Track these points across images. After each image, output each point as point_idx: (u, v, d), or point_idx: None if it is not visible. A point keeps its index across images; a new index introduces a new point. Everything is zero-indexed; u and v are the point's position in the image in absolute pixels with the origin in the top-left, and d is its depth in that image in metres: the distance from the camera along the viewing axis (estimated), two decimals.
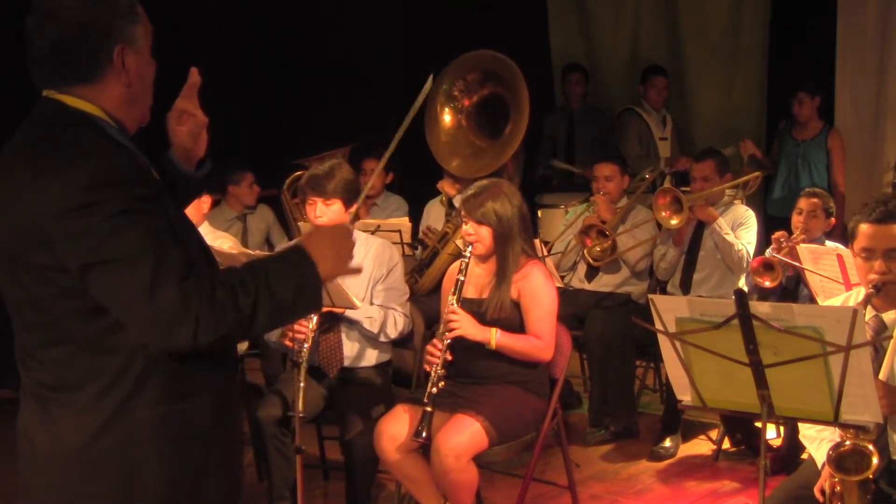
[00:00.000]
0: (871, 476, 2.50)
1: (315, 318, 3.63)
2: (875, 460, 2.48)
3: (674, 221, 4.76)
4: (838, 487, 2.54)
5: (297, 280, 1.84)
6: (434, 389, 3.38)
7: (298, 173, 5.40)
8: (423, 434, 3.33)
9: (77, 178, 1.70)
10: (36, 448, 1.84)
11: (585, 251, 5.09)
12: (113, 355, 1.78)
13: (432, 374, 3.42)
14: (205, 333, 1.71)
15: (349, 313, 3.71)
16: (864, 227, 2.83)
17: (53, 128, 1.79)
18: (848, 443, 2.52)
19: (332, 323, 3.77)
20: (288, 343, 3.62)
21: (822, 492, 2.64)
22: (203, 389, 1.87)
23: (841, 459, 2.52)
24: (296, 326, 3.59)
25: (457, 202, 5.14)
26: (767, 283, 4.25)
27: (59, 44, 1.79)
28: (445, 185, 5.41)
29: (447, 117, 5.37)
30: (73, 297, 1.75)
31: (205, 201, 4.43)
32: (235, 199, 5.99)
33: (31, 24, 1.81)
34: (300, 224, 5.33)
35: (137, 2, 1.87)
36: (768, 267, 4.28)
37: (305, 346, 3.57)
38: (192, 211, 4.20)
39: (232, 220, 5.94)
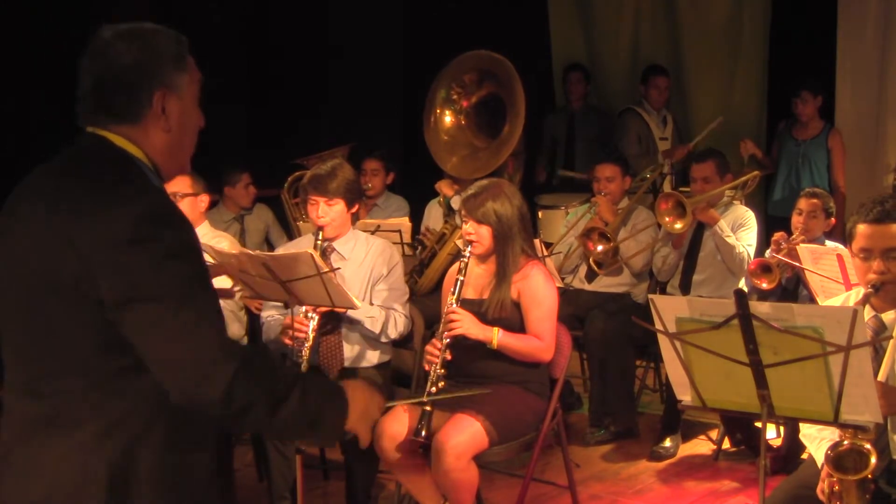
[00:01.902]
0: (869, 476, 2.50)
1: (316, 318, 3.64)
2: (873, 459, 2.48)
3: (678, 226, 4.76)
4: (837, 487, 2.54)
5: (328, 402, 1.88)
6: (433, 389, 3.38)
7: (299, 173, 5.40)
8: (423, 433, 3.33)
9: (127, 213, 1.70)
10: (21, 482, 1.78)
11: (591, 258, 5.08)
12: (122, 398, 1.75)
13: (432, 373, 3.42)
14: (238, 395, 1.70)
15: (351, 313, 3.71)
16: (862, 228, 2.83)
17: (100, 162, 1.80)
18: (846, 442, 2.52)
19: (333, 323, 3.77)
20: (288, 342, 3.62)
21: (823, 492, 2.64)
22: (206, 441, 1.84)
23: (839, 459, 2.52)
24: (296, 326, 3.60)
25: (455, 203, 5.14)
26: (765, 285, 4.25)
27: (102, 82, 1.82)
28: (443, 186, 5.41)
29: (448, 118, 5.38)
30: (99, 331, 1.72)
31: (202, 200, 4.42)
32: (232, 200, 5.99)
33: (83, 63, 1.84)
34: (300, 224, 5.34)
35: (187, 53, 1.89)
36: (766, 269, 4.28)
37: (306, 345, 3.57)
38: (188, 209, 4.22)
39: (229, 221, 5.94)
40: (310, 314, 3.64)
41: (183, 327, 1.69)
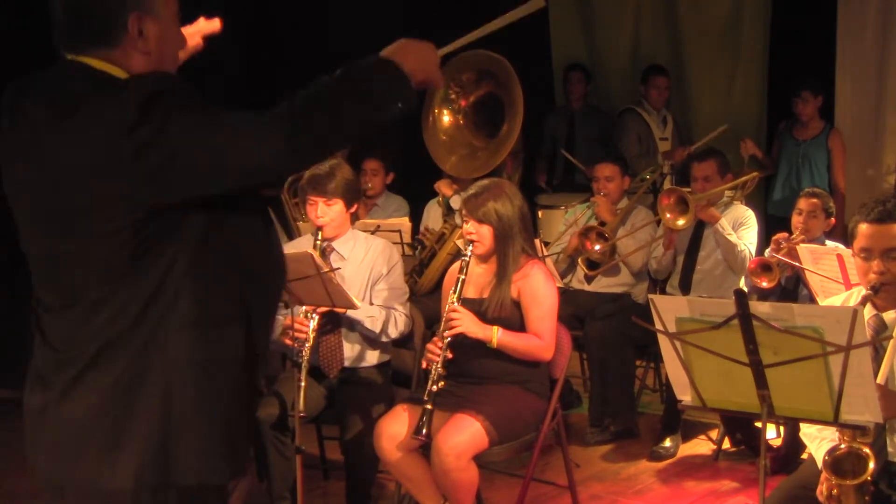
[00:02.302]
0: (867, 479, 2.50)
1: (316, 319, 3.64)
2: (871, 464, 2.48)
3: (680, 222, 4.75)
4: (835, 491, 2.53)
5: (370, 75, 1.87)
6: (434, 388, 3.38)
7: (298, 173, 5.39)
8: (423, 432, 3.33)
9: (127, 99, 1.69)
10: (61, 391, 1.79)
11: (580, 260, 5.07)
12: (145, 286, 1.75)
13: (432, 372, 3.42)
14: (304, 132, 1.73)
15: (351, 313, 3.71)
16: (863, 227, 2.83)
17: (84, 80, 1.79)
18: (843, 446, 2.52)
19: (333, 323, 3.77)
20: (288, 342, 3.62)
21: (822, 494, 2.64)
22: (232, 317, 1.84)
23: (837, 463, 2.52)
24: (296, 326, 3.60)
25: (454, 203, 5.14)
26: (765, 284, 4.25)
27: (75, 7, 1.80)
28: (442, 186, 5.41)
29: (446, 118, 5.37)
30: (121, 230, 1.73)
31: None
32: None
33: None
34: (299, 224, 5.34)
35: None
36: (766, 268, 4.28)
37: (307, 345, 3.57)
38: None
39: None
40: (310, 314, 3.64)
41: (229, 122, 1.73)
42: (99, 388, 1.77)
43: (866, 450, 2.49)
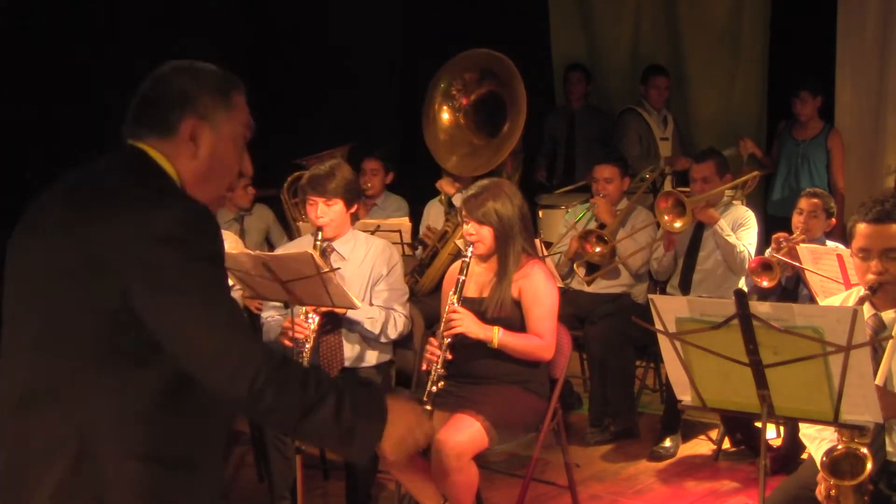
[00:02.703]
0: (866, 479, 2.50)
1: (317, 319, 3.64)
2: (869, 465, 2.48)
3: (677, 224, 4.75)
4: (833, 492, 2.54)
5: (365, 418, 1.85)
6: (434, 388, 3.39)
7: (298, 173, 5.40)
8: None
9: (164, 215, 1.73)
10: None
11: (576, 266, 5.07)
12: (115, 389, 1.76)
13: (432, 372, 3.42)
14: (266, 396, 1.72)
15: (350, 314, 3.71)
16: (862, 227, 2.82)
17: (138, 169, 1.84)
18: (841, 447, 2.52)
19: (333, 324, 3.77)
20: (287, 343, 3.62)
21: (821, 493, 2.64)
22: (195, 460, 1.83)
23: (835, 464, 2.52)
24: (296, 327, 3.60)
25: (456, 201, 5.14)
26: (765, 283, 4.25)
27: (145, 97, 1.88)
28: (444, 184, 5.42)
29: (445, 115, 5.38)
30: (105, 325, 1.74)
31: None
32: (230, 201, 5.97)
33: (141, 86, 1.91)
34: (299, 224, 5.34)
35: (237, 93, 1.92)
36: (766, 267, 4.28)
37: (307, 346, 3.57)
38: None
39: (229, 221, 5.93)
40: (310, 315, 3.64)
41: (215, 323, 1.73)
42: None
43: (864, 450, 2.49)
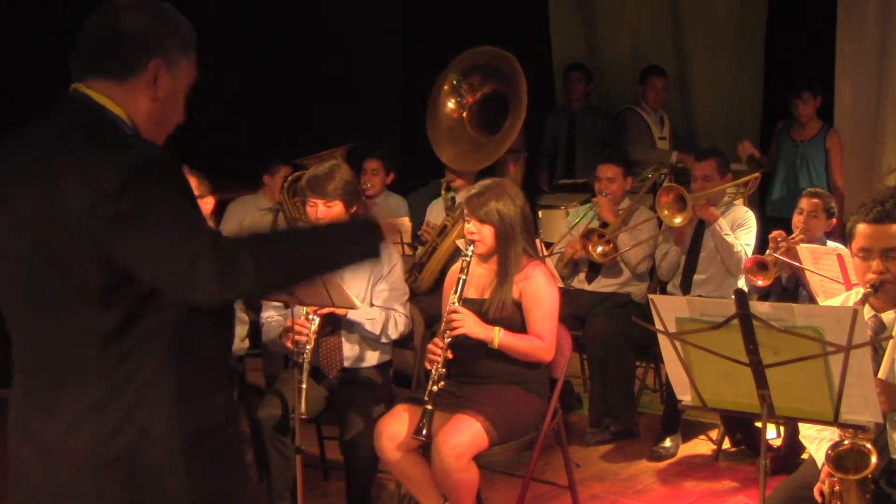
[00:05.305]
0: (869, 475, 2.50)
1: (317, 321, 3.64)
2: (874, 459, 2.48)
3: (677, 220, 4.76)
4: (837, 487, 2.54)
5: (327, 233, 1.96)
6: (435, 388, 3.38)
7: (297, 174, 5.40)
8: (424, 432, 3.33)
9: (113, 164, 1.71)
10: (42, 448, 1.82)
11: (577, 258, 5.08)
12: (125, 356, 1.78)
13: (433, 372, 3.42)
14: (241, 263, 1.73)
15: (351, 314, 3.71)
16: (862, 227, 2.82)
17: (79, 121, 1.81)
18: (846, 442, 2.52)
19: (333, 324, 3.77)
20: (289, 344, 3.62)
21: (822, 493, 2.64)
22: (215, 387, 1.88)
23: (840, 459, 2.53)
24: (297, 328, 3.60)
25: (461, 198, 5.14)
26: (760, 282, 4.25)
27: (105, 36, 1.84)
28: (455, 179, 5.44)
29: (450, 105, 5.42)
30: (98, 289, 1.75)
31: (208, 203, 4.41)
32: (270, 189, 5.94)
33: (91, 18, 1.86)
34: (299, 224, 5.34)
35: (195, 46, 1.92)
36: (762, 266, 4.27)
37: (307, 347, 3.57)
38: None
39: (265, 210, 5.92)
40: (311, 316, 3.64)
41: (180, 236, 1.72)
42: (76, 455, 1.80)
43: (869, 446, 2.49)
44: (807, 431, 2.90)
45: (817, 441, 2.83)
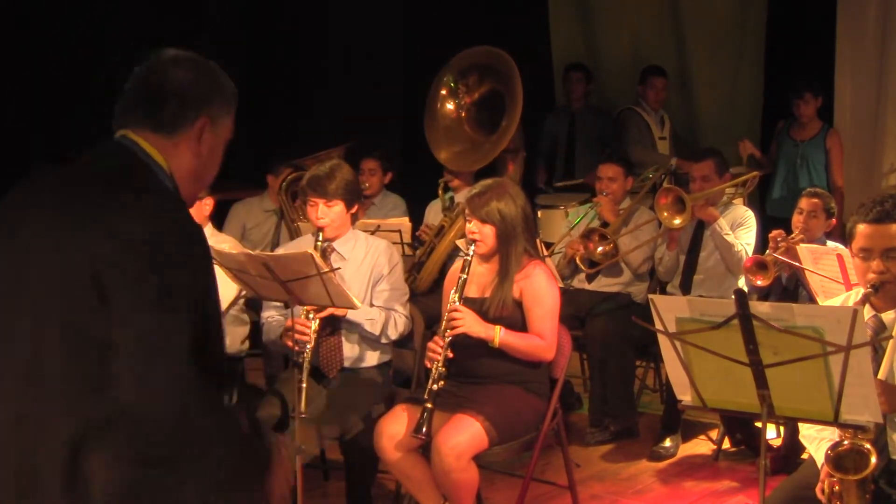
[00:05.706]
0: (869, 476, 2.50)
1: (318, 321, 3.64)
2: (874, 459, 2.48)
3: (676, 221, 4.76)
4: (837, 487, 2.54)
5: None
6: (435, 386, 3.39)
7: (297, 174, 5.39)
8: (423, 430, 3.33)
9: (140, 225, 1.70)
10: None
11: (578, 257, 5.07)
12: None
13: (433, 371, 3.42)
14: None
15: (350, 315, 3.71)
16: (862, 227, 2.82)
17: (122, 168, 1.82)
18: (846, 442, 2.52)
19: (333, 324, 3.77)
20: (290, 344, 3.62)
21: (823, 492, 2.64)
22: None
23: (839, 459, 2.53)
24: (297, 328, 3.59)
25: (461, 198, 5.15)
26: (759, 282, 4.25)
27: (154, 90, 1.86)
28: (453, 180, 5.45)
29: (449, 106, 5.43)
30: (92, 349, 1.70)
31: (206, 204, 4.40)
32: (273, 190, 5.91)
33: (139, 70, 1.89)
34: (299, 224, 5.34)
35: (235, 104, 1.95)
36: (761, 266, 4.27)
37: (308, 347, 3.57)
38: (194, 212, 4.20)
39: (269, 211, 5.90)
40: (311, 315, 3.64)
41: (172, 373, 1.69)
42: None
43: (868, 446, 2.49)
44: (807, 431, 2.90)
45: (817, 441, 2.84)
